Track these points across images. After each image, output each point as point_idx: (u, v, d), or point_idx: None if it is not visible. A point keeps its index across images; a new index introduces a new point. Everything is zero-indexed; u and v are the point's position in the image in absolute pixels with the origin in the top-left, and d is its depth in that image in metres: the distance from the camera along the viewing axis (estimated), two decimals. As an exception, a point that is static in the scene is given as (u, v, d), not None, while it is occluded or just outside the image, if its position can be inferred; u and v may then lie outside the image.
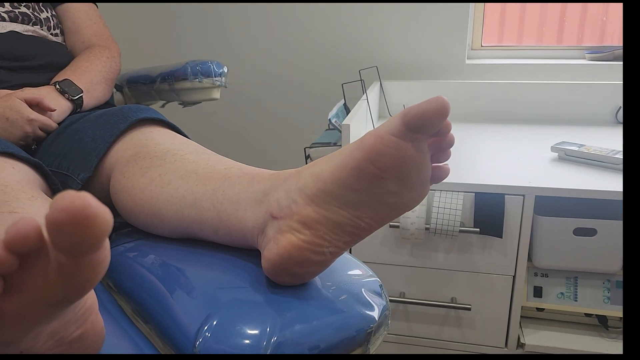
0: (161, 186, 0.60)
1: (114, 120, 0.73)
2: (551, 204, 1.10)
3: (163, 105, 1.37)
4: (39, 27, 0.99)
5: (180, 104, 1.28)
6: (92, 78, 0.96)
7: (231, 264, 0.56)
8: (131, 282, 0.61)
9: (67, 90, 0.88)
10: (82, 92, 0.90)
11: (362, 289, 0.53)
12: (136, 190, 0.63)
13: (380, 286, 0.55)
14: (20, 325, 0.34)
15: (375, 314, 0.51)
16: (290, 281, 0.51)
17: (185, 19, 1.76)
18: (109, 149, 0.71)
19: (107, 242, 0.32)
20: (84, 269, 0.31)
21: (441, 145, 0.49)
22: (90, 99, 0.93)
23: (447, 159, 0.51)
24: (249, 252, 0.57)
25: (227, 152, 1.88)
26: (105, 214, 0.29)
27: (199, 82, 1.19)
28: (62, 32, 1.08)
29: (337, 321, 0.49)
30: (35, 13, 0.99)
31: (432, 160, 0.50)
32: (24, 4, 0.98)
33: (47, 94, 0.84)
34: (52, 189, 0.71)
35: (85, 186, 0.71)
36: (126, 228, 0.72)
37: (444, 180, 1.09)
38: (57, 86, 0.88)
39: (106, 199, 0.71)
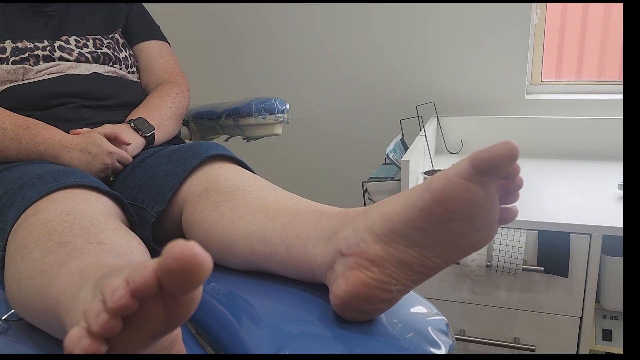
0: (232, 221, 0.63)
1: (187, 157, 0.78)
2: (620, 244, 1.06)
3: (227, 140, 1.42)
4: (118, 66, 1.07)
5: (243, 138, 1.33)
6: (162, 115, 1.02)
7: (299, 298, 0.58)
8: (202, 312, 0.63)
9: (141, 127, 0.94)
10: (154, 129, 0.96)
11: (429, 327, 0.53)
12: (208, 224, 0.66)
13: (447, 325, 0.55)
14: (122, 351, 0.37)
15: (443, 352, 0.51)
16: (358, 317, 0.52)
17: (249, 56, 1.84)
18: (182, 184, 0.75)
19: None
20: (183, 305, 0.35)
21: (509, 187, 0.49)
22: (161, 134, 0.99)
23: (515, 201, 0.51)
24: (316, 287, 0.59)
25: (285, 184, 1.91)
26: (207, 261, 0.33)
27: (263, 118, 1.24)
28: (138, 70, 1.15)
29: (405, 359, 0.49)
30: (115, 53, 1.07)
31: (500, 201, 0.50)
32: (106, 43, 1.06)
33: (123, 130, 0.90)
34: (130, 220, 0.75)
35: (158, 219, 0.75)
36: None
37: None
38: (132, 124, 0.94)
39: (178, 231, 0.75)
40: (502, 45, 1.56)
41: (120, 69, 1.08)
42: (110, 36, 1.08)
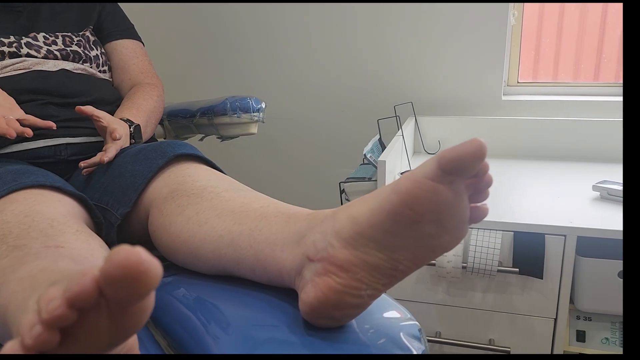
0: (198, 225, 0.61)
1: (153, 156, 0.75)
2: (594, 245, 1.07)
3: (202, 139, 1.40)
4: (88, 64, 1.04)
5: (218, 138, 1.31)
6: (147, 119, 1.00)
7: (268, 303, 0.56)
8: (168, 317, 0.61)
9: (136, 137, 0.91)
10: (142, 142, 0.93)
11: (401, 333, 0.52)
12: (174, 228, 0.64)
13: (419, 330, 0.54)
14: None
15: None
16: (328, 324, 0.51)
17: (226, 54, 1.81)
18: (148, 185, 0.73)
19: (154, 290, 0.33)
20: (132, 316, 0.33)
21: (478, 186, 0.48)
22: (143, 140, 0.97)
23: (485, 199, 0.49)
24: (286, 292, 0.57)
25: (262, 185, 1.90)
26: (155, 268, 0.31)
27: (238, 117, 1.21)
28: (110, 69, 1.12)
29: (375, 366, 0.48)
30: (85, 51, 1.04)
31: (469, 200, 0.49)
32: (77, 40, 1.02)
33: (125, 134, 0.87)
34: (95, 222, 0.72)
35: (124, 221, 0.73)
36: (164, 262, 0.73)
37: (481, 219, 1.07)
38: (131, 130, 0.91)
39: (144, 233, 0.72)
40: (480, 46, 1.56)
41: (91, 67, 1.05)
42: (80, 34, 1.05)
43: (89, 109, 0.84)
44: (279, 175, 1.88)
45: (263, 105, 1.25)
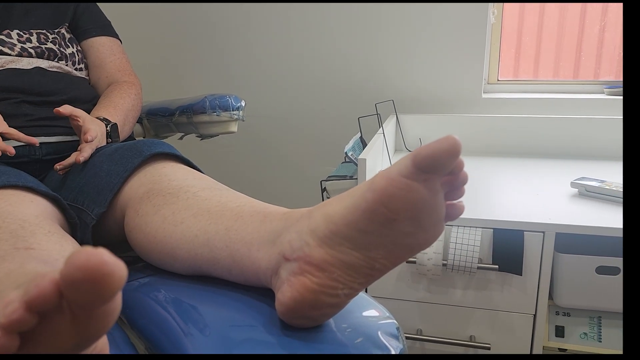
0: (174, 225, 0.60)
1: (129, 155, 0.74)
2: (572, 242, 1.08)
3: (181, 138, 1.38)
4: (64, 62, 1.02)
5: (198, 136, 1.30)
6: (124, 118, 0.98)
7: (244, 304, 0.55)
8: (145, 318, 0.60)
9: (112, 135, 0.90)
10: (119, 141, 0.92)
11: (379, 332, 0.52)
12: (149, 228, 0.63)
13: (397, 328, 0.54)
14: None
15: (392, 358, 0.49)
16: (304, 323, 0.50)
17: (207, 52, 1.80)
18: (124, 185, 0.72)
19: (119, 292, 0.32)
20: (96, 319, 0.32)
21: (454, 183, 0.48)
22: (121, 139, 0.96)
23: (460, 197, 0.49)
24: (263, 292, 0.56)
25: (242, 184, 1.89)
26: (120, 270, 0.29)
27: (217, 115, 1.20)
28: (87, 67, 1.10)
29: (352, 365, 0.47)
30: (61, 49, 1.02)
31: (445, 198, 0.49)
32: (52, 38, 1.00)
33: (101, 132, 0.85)
34: (70, 222, 0.71)
35: (99, 221, 0.72)
36: (141, 262, 0.72)
37: (461, 216, 1.08)
38: (108, 129, 0.89)
39: (120, 233, 0.71)
40: (460, 45, 1.57)
41: (66, 65, 1.03)
42: (56, 31, 1.03)
43: (67, 109, 0.82)
44: (260, 174, 1.87)
45: (243, 103, 1.24)
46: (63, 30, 1.05)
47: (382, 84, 1.67)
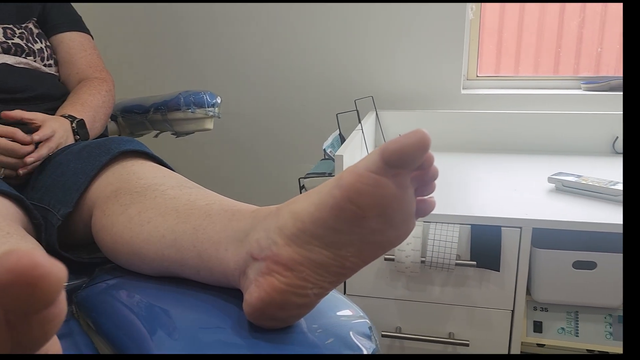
0: (140, 224, 0.58)
1: (97, 153, 0.72)
2: (549, 237, 1.08)
3: (156, 135, 1.36)
4: (32, 58, 0.99)
5: (173, 134, 1.27)
6: (94, 115, 0.96)
7: (213, 305, 0.54)
8: (111, 322, 0.58)
9: (80, 132, 0.87)
10: (88, 137, 0.89)
11: (350, 332, 0.50)
12: (116, 229, 0.61)
13: (370, 328, 0.52)
14: None
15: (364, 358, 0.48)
16: (273, 325, 0.49)
17: (182, 48, 1.77)
18: (91, 183, 0.69)
19: (61, 297, 0.30)
20: (35, 326, 0.30)
21: (424, 178, 0.46)
22: (91, 137, 0.93)
23: (431, 192, 0.48)
24: (233, 292, 0.55)
25: (219, 182, 1.87)
26: (56, 272, 0.27)
27: (192, 112, 1.18)
28: (56, 63, 1.07)
29: (323, 367, 0.46)
30: (29, 44, 0.99)
31: (415, 193, 0.47)
32: (19, 33, 0.97)
33: (65, 131, 0.83)
34: (34, 223, 0.69)
35: (66, 222, 0.69)
36: (109, 264, 0.70)
37: (439, 212, 1.07)
38: (74, 125, 0.86)
39: (87, 234, 0.69)
40: (439, 41, 1.56)
41: (35, 61, 1.00)
42: (23, 26, 1.00)
43: (17, 113, 0.79)
44: (238, 173, 1.85)
45: (218, 100, 1.21)
46: (31, 25, 1.02)
47: (361, 80, 1.66)
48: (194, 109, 1.16)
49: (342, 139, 1.47)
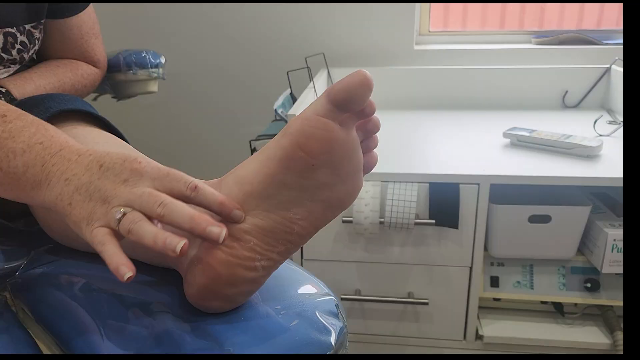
0: None
1: (34, 113, 0.64)
2: (505, 192, 1.08)
3: (95, 99, 1.26)
4: None
5: (113, 97, 1.18)
6: (34, 89, 0.84)
7: (156, 290, 0.49)
8: (51, 309, 0.53)
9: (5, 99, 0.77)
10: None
11: (316, 311, 0.47)
12: None
13: (337, 305, 0.49)
14: None
15: (332, 338, 0.45)
16: (220, 306, 0.45)
17: (119, 7, 1.64)
18: None
19: None
20: None
21: (367, 127, 0.47)
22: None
23: (375, 146, 0.49)
24: (172, 272, 0.50)
25: (166, 147, 1.78)
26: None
27: (133, 74, 1.09)
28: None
29: (289, 351, 0.43)
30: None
31: (362, 149, 0.48)
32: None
33: None
34: None
35: None
36: (47, 245, 0.63)
37: (397, 171, 1.05)
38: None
39: (25, 206, 0.63)
40: (390, -7, 1.51)
41: None
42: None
43: None
44: (186, 136, 1.77)
45: (162, 59, 1.13)
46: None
47: (312, 37, 1.59)
48: (136, 70, 1.08)
49: (294, 99, 1.42)
